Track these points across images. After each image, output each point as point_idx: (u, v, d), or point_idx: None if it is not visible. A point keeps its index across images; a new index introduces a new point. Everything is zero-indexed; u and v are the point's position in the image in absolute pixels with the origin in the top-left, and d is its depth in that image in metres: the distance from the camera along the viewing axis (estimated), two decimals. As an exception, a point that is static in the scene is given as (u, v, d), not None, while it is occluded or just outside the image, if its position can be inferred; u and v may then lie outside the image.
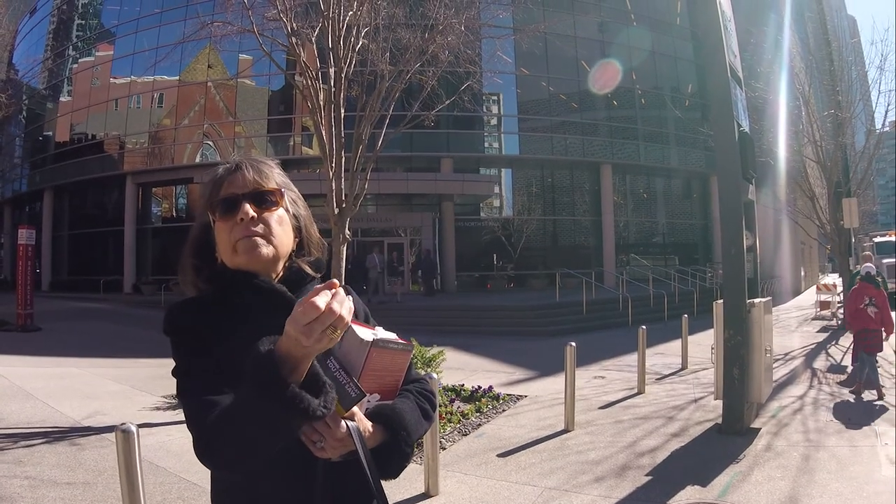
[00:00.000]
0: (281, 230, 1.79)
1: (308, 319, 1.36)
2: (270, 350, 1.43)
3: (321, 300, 1.38)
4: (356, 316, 1.89)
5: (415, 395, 1.86)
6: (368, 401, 1.68)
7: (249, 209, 1.73)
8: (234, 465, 1.54)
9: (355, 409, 1.59)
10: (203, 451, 1.52)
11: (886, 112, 22.31)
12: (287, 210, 1.84)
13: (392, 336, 1.71)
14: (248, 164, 1.81)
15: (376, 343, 1.62)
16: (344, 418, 1.56)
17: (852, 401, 9.86)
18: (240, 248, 1.73)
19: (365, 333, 1.65)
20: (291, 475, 1.65)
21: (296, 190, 1.92)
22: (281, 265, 1.81)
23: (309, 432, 1.54)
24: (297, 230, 1.87)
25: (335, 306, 1.39)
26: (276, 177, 1.84)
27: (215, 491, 1.80)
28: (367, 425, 1.64)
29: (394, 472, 1.73)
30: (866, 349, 10.36)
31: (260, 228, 1.74)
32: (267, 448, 1.49)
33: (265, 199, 1.78)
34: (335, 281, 1.47)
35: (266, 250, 1.74)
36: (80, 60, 41.37)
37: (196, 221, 1.88)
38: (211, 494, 1.82)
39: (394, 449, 1.70)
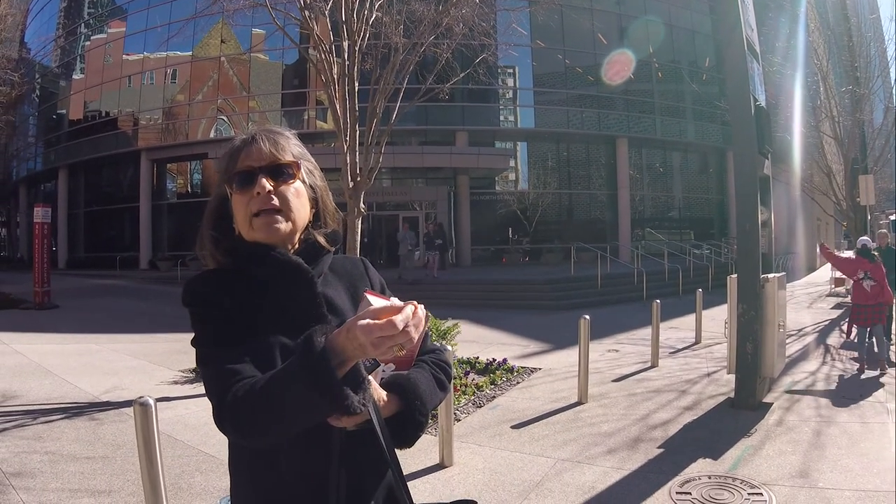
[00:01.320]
0: (298, 202, 1.79)
1: (384, 334, 1.38)
2: (325, 340, 1.44)
3: (401, 320, 1.40)
4: (372, 286, 1.92)
5: (430, 366, 1.86)
6: (384, 370, 1.70)
7: (266, 183, 1.74)
8: (255, 437, 1.55)
9: (370, 378, 1.60)
10: (228, 418, 1.53)
11: (905, 89, 22.10)
12: (304, 181, 1.84)
13: None
14: (264, 136, 1.80)
15: None
16: None
17: (863, 377, 9.84)
18: (256, 225, 1.74)
19: (380, 304, 1.66)
20: (308, 444, 1.66)
21: (312, 160, 1.92)
22: (297, 237, 1.82)
23: None
24: (314, 201, 1.88)
25: (411, 330, 1.42)
26: (292, 148, 1.83)
27: (233, 460, 1.82)
28: (381, 395, 1.65)
29: (408, 442, 1.73)
30: (860, 323, 10.35)
31: (276, 202, 1.74)
32: (295, 428, 1.52)
33: (282, 172, 1.78)
34: (415, 303, 1.49)
35: (283, 226, 1.75)
36: (92, 38, 41.31)
37: (213, 193, 1.89)
38: (229, 463, 1.84)
39: (408, 418, 1.70)
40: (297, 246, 1.82)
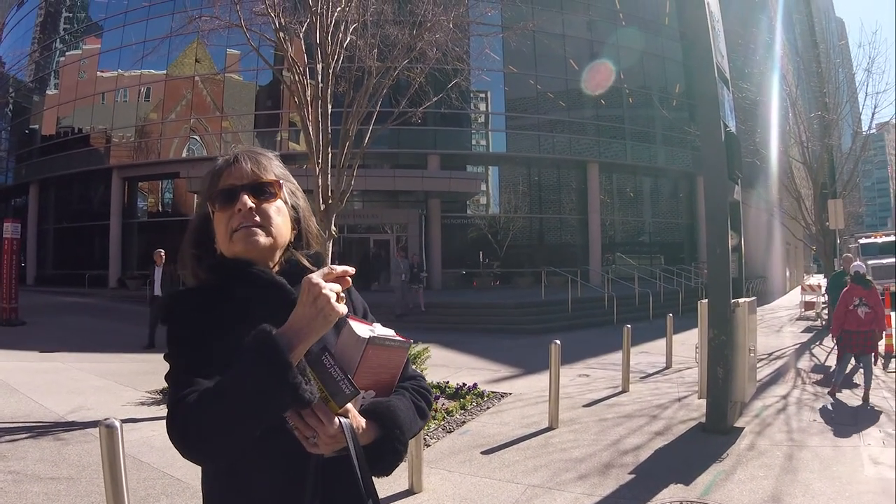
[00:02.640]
0: (279, 220, 1.80)
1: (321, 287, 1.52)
2: (274, 330, 1.49)
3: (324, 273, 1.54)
4: (354, 311, 1.91)
5: (410, 393, 1.86)
6: (363, 397, 1.67)
7: (247, 200, 1.75)
8: (204, 444, 1.50)
9: (349, 405, 1.58)
10: (176, 426, 1.50)
11: (873, 114, 22.38)
12: (285, 201, 1.85)
13: (390, 333, 1.71)
14: (246, 156, 1.82)
15: (373, 340, 1.62)
16: (338, 415, 1.55)
17: (833, 401, 9.90)
18: (236, 237, 1.74)
19: (362, 330, 1.65)
20: (283, 470, 1.65)
21: (295, 182, 1.93)
22: (278, 255, 1.83)
23: (302, 427, 1.54)
24: (296, 221, 1.89)
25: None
26: (274, 168, 1.85)
27: (206, 487, 1.78)
28: (360, 422, 1.63)
29: (386, 470, 1.73)
30: (850, 350, 10.38)
31: (258, 218, 1.75)
32: (246, 428, 1.48)
33: (264, 191, 1.79)
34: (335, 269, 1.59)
35: (263, 239, 1.75)
36: (67, 53, 41.11)
37: (196, 212, 1.90)
38: (202, 489, 1.79)
39: (387, 447, 1.69)
40: (278, 265, 1.83)
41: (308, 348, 1.52)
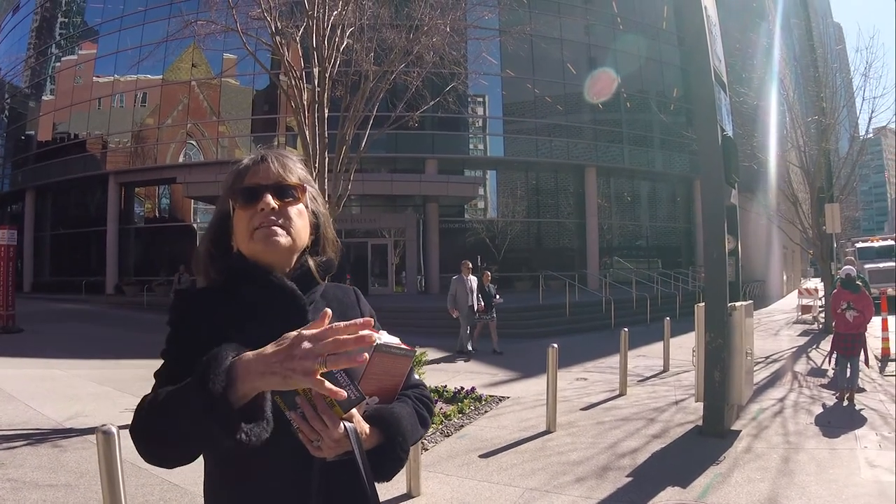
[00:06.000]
0: (300, 223, 1.81)
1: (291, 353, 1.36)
2: (232, 355, 1.43)
3: (308, 335, 1.38)
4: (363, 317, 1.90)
5: (413, 401, 1.87)
6: (367, 403, 1.67)
7: (271, 200, 1.75)
8: (141, 447, 1.48)
9: (354, 410, 1.58)
10: (131, 423, 1.49)
11: (870, 118, 22.49)
12: (307, 206, 1.86)
13: (395, 340, 1.70)
14: (273, 157, 1.82)
15: (379, 347, 1.61)
16: (342, 419, 1.55)
17: (831, 404, 9.91)
18: (257, 236, 1.74)
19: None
20: (287, 473, 1.65)
21: (316, 187, 1.93)
22: (294, 259, 1.82)
23: (307, 431, 1.52)
24: (315, 227, 1.89)
25: (319, 347, 1.36)
26: (299, 171, 1.85)
27: (208, 491, 1.78)
28: (364, 428, 1.63)
29: (387, 476, 1.72)
30: (840, 352, 10.39)
31: (280, 219, 1.75)
32: (171, 447, 1.46)
33: (287, 193, 1.79)
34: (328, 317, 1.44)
35: (283, 240, 1.75)
36: (63, 59, 41.06)
37: (216, 209, 1.90)
38: (204, 491, 1.79)
39: (389, 453, 1.69)
40: (293, 269, 1.82)
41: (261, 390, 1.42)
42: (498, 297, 17.21)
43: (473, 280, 16.68)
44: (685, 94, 36.73)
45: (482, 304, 16.57)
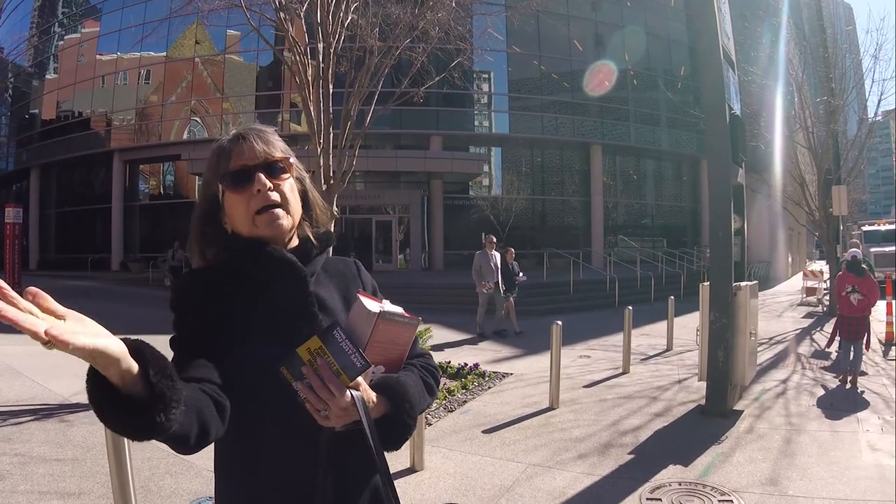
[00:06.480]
0: (293, 197, 1.81)
1: None
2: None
3: None
4: (364, 288, 1.92)
5: (419, 370, 1.87)
6: (373, 372, 1.69)
7: (266, 180, 1.74)
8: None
9: (360, 379, 1.59)
10: None
11: (879, 101, 22.33)
12: (294, 177, 1.85)
13: (399, 310, 1.72)
14: (255, 136, 1.80)
15: (383, 315, 1.64)
16: (349, 388, 1.56)
17: (833, 386, 9.90)
18: (261, 222, 1.74)
19: (372, 305, 1.67)
20: (295, 444, 1.66)
21: (293, 153, 1.92)
22: (292, 233, 1.83)
23: (314, 400, 1.54)
24: (303, 193, 1.89)
25: None
26: (280, 144, 1.84)
27: (218, 464, 1.80)
28: (371, 396, 1.64)
29: (395, 444, 1.73)
30: (844, 335, 10.34)
31: (277, 198, 1.75)
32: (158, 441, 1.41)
33: (277, 169, 1.79)
34: None
35: (286, 221, 1.76)
36: (66, 37, 41.07)
37: (203, 191, 1.89)
38: (214, 467, 1.81)
39: (396, 420, 1.70)
40: (291, 242, 1.83)
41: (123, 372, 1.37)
42: (521, 275, 16.66)
43: (497, 256, 15.86)
44: (693, 73, 36.50)
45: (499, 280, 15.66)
